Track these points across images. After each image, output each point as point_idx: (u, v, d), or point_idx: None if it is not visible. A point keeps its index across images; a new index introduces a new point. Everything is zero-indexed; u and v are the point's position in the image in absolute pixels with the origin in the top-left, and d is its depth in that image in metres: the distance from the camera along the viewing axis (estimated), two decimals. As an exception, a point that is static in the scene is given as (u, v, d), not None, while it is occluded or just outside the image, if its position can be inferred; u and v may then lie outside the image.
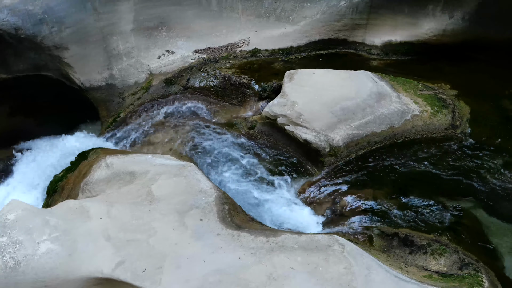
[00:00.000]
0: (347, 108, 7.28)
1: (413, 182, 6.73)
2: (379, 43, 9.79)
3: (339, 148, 6.91)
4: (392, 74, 8.64)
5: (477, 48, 9.78)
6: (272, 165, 7.12)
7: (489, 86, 8.96)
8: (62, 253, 4.61)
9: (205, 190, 5.78)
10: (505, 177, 6.88)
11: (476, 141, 7.51)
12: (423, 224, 6.08)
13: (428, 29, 9.62)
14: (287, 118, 7.15)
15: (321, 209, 6.53)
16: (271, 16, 9.58)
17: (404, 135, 7.37)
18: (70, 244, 4.71)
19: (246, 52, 9.24)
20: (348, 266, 4.95)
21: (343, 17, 9.48)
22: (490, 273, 5.51)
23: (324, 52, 9.62)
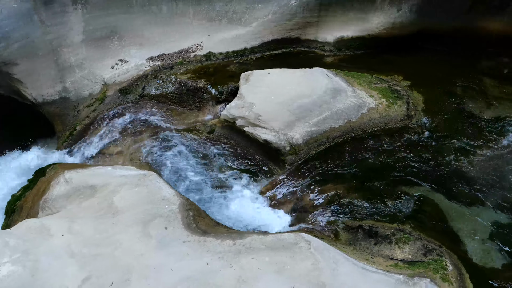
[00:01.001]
0: (304, 106, 7.35)
1: (373, 174, 6.85)
2: (331, 39, 9.92)
3: (299, 146, 6.97)
4: (346, 69, 8.77)
5: (426, 38, 10.06)
6: (234, 167, 7.12)
7: (440, 74, 9.23)
8: (24, 274, 4.50)
9: (168, 198, 5.74)
10: (461, 163, 7.09)
11: (431, 130, 7.71)
12: (386, 215, 6.19)
13: (378, 23, 9.82)
14: (245, 120, 7.16)
15: (286, 207, 6.57)
16: (223, 19, 9.57)
17: (362, 128, 7.49)
18: (32, 265, 4.60)
19: (200, 57, 9.21)
20: (315, 262, 5.00)
21: (295, 16, 9.57)
22: (453, 256, 5.66)
23: (278, 52, 9.69)
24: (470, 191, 6.68)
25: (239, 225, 6.31)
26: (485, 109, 8.37)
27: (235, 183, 6.87)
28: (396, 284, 5.00)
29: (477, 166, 7.08)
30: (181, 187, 6.78)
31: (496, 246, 5.96)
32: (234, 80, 8.32)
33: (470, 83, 9.07)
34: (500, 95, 8.76)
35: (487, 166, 7.10)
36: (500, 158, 7.24)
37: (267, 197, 6.66)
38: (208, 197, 6.66)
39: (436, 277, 5.20)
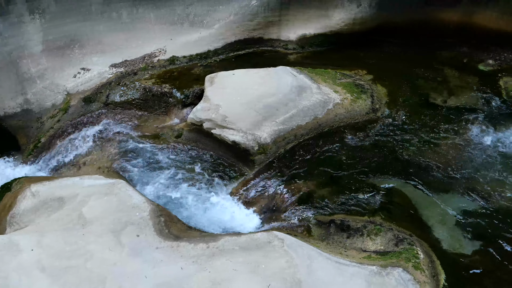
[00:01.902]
0: (270, 105, 7.38)
1: (342, 168, 6.92)
2: (294, 37, 9.99)
3: (267, 145, 6.99)
4: (310, 66, 8.85)
5: (387, 32, 10.22)
6: (204, 170, 7.10)
7: (402, 66, 9.40)
8: (-6, 292, 4.41)
9: (138, 205, 5.69)
10: (426, 152, 7.24)
11: (396, 121, 7.84)
12: (356, 208, 6.26)
13: (339, 19, 9.93)
14: (212, 122, 7.15)
15: (258, 207, 6.58)
16: (185, 23, 9.54)
17: (329, 124, 7.56)
18: (2, 282, 4.50)
19: (164, 61, 9.15)
20: (289, 259, 5.03)
21: (256, 16, 9.59)
22: (424, 244, 5.77)
23: (242, 52, 9.70)
24: (436, 180, 6.82)
25: (212, 227, 6.30)
26: (447, 98, 8.55)
27: (205, 186, 6.85)
28: (370, 275, 5.08)
29: (442, 155, 7.23)
30: (151, 193, 6.73)
31: (464, 232, 6.09)
32: (199, 83, 8.30)
33: (431, 74, 9.26)
34: (461, 84, 8.96)
35: (452, 154, 7.26)
36: (464, 146, 7.41)
37: (238, 197, 6.67)
38: (179, 201, 6.62)
39: (408, 265, 5.29)
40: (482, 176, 6.91)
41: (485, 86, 8.92)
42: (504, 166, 7.09)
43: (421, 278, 5.20)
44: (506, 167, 7.07)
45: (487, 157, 7.24)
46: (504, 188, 6.73)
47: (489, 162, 7.15)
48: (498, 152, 7.35)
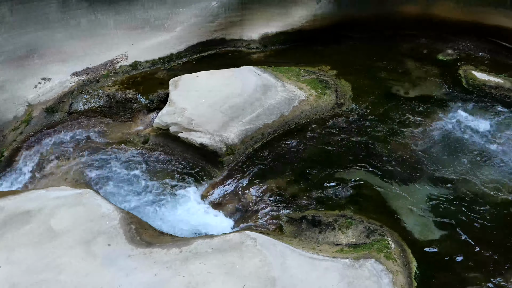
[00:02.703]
0: (236, 105, 7.38)
1: (311, 164, 6.98)
2: (256, 37, 10.01)
3: (235, 145, 7.00)
4: (274, 65, 8.89)
5: (348, 27, 10.35)
6: (173, 175, 7.06)
7: (364, 60, 9.53)
8: (-38, 313, 4.30)
9: (107, 214, 5.63)
10: (392, 144, 7.36)
11: (361, 115, 7.95)
12: (327, 203, 6.33)
13: (300, 17, 9.99)
14: (178, 126, 7.12)
15: (229, 208, 6.58)
16: (146, 27, 9.46)
17: (295, 121, 7.61)
18: (-31, 302, 4.41)
19: (126, 67, 9.05)
20: (263, 258, 5.07)
21: (217, 17, 9.58)
22: (394, 234, 5.87)
23: (205, 54, 9.67)
24: (403, 170, 6.94)
25: (184, 231, 6.27)
26: (410, 89, 8.72)
27: (175, 190, 6.81)
28: (344, 268, 5.14)
29: (407, 145, 7.37)
30: (121, 201, 6.65)
31: (432, 219, 6.22)
32: (164, 87, 8.23)
33: (393, 66, 9.42)
34: (422, 74, 9.15)
35: (416, 144, 7.41)
36: (428, 136, 7.57)
37: (209, 200, 6.65)
38: (149, 207, 6.56)
39: (380, 256, 5.38)
40: (447, 164, 7.07)
41: (445, 76, 9.13)
42: (467, 153, 7.26)
43: (393, 267, 5.29)
44: (469, 154, 7.25)
45: (450, 145, 7.41)
46: (468, 174, 6.90)
47: (453, 150, 7.31)
48: (460, 139, 7.52)
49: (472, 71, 9.14)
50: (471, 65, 9.43)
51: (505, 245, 5.92)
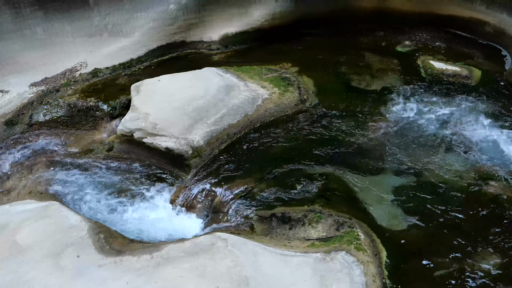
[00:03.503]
0: (199, 107, 7.36)
1: (278, 161, 7.01)
2: (217, 38, 9.99)
3: (201, 147, 6.98)
4: (236, 65, 8.90)
5: (307, 24, 10.46)
6: (140, 181, 6.99)
7: (325, 56, 9.64)
8: None
9: (75, 225, 5.55)
10: (357, 136, 7.47)
11: (325, 110, 8.04)
12: (295, 199, 6.36)
13: (259, 16, 10.03)
14: (143, 131, 7.05)
15: (199, 210, 6.56)
16: (104, 33, 9.34)
17: (260, 120, 7.64)
18: None
19: (86, 74, 8.91)
20: (234, 258, 5.08)
21: (176, 20, 9.53)
22: (363, 225, 5.96)
23: (166, 58, 9.60)
24: (369, 162, 7.04)
25: (155, 237, 6.21)
26: (371, 82, 8.86)
27: (143, 196, 6.74)
28: (315, 262, 5.19)
29: (371, 137, 7.49)
30: (88, 211, 6.54)
31: (400, 208, 6.34)
32: (126, 93, 8.14)
33: (353, 60, 9.55)
34: (382, 66, 9.31)
35: (380, 135, 7.54)
36: (390, 126, 7.71)
37: (178, 203, 6.61)
38: (118, 215, 6.48)
39: (351, 248, 5.45)
40: (411, 153, 7.21)
41: (404, 67, 9.32)
42: (429, 142, 7.43)
43: (364, 258, 5.37)
44: (431, 142, 7.41)
45: (412, 134, 7.56)
46: (431, 163, 7.05)
47: (415, 139, 7.47)
48: (422, 128, 7.69)
49: (430, 61, 9.35)
50: (429, 55, 9.65)
51: (471, 229, 6.08)
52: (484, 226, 6.13)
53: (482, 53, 9.76)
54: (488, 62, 9.48)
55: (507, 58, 9.52)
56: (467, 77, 8.92)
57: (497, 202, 6.44)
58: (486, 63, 9.45)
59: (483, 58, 9.60)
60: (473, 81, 8.86)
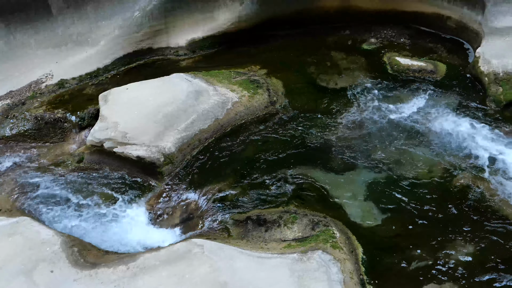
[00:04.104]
0: (169, 114, 7.31)
1: (251, 164, 7.02)
2: (184, 43, 9.93)
3: (172, 154, 6.93)
4: (204, 70, 8.87)
5: (274, 26, 10.47)
6: (113, 191, 6.90)
7: (292, 57, 9.69)
8: None
9: (48, 240, 5.46)
10: (327, 135, 7.53)
11: (295, 110, 8.09)
12: (270, 201, 6.39)
13: (225, 19, 10.00)
14: (113, 141, 6.97)
15: (174, 217, 6.52)
16: (69, 43, 9.21)
17: (231, 123, 7.63)
18: None
19: (52, 86, 8.76)
20: (212, 263, 5.07)
21: (142, 27, 9.44)
22: (338, 223, 6.02)
23: (133, 65, 9.50)
24: (340, 159, 7.12)
25: (130, 247, 6.15)
26: (339, 80, 8.93)
27: (116, 206, 6.66)
28: (292, 263, 5.21)
29: (342, 135, 7.56)
30: (60, 225, 6.43)
31: (373, 204, 6.44)
32: (94, 103, 8.03)
33: (321, 59, 9.61)
34: (349, 65, 9.40)
35: (350, 132, 7.61)
36: (360, 123, 7.79)
37: (153, 212, 6.56)
38: (91, 227, 6.38)
39: (327, 246, 5.49)
40: (381, 148, 7.31)
41: (371, 64, 9.42)
42: (398, 136, 7.53)
43: (340, 256, 5.42)
44: (400, 137, 7.52)
45: (382, 130, 7.65)
46: (401, 157, 7.16)
47: (385, 135, 7.56)
48: (391, 123, 7.79)
49: (395, 57, 9.48)
50: (394, 52, 9.77)
51: (443, 220, 6.20)
52: (455, 217, 6.26)
53: (445, 48, 9.92)
54: (452, 56, 9.66)
55: (470, 51, 9.71)
56: (433, 71, 9.07)
57: (467, 193, 6.59)
58: (450, 57, 9.63)
59: (447, 52, 9.78)
60: (439, 75, 9.01)
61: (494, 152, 7.17)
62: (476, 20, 9.65)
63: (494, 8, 8.95)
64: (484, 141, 7.38)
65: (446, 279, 5.45)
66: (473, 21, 9.75)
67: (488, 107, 8.13)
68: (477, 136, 7.47)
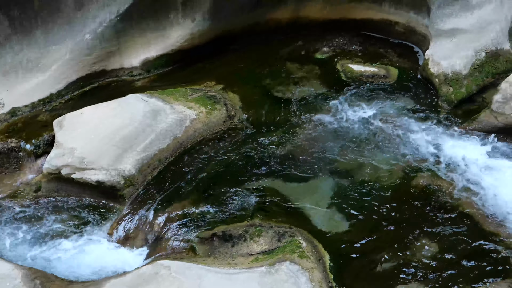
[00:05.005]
0: (127, 136, 7.22)
1: (213, 180, 7.00)
2: (137, 63, 9.83)
3: (133, 176, 6.84)
4: (160, 89, 8.79)
5: (228, 40, 10.51)
6: (74, 218, 6.75)
7: (248, 70, 9.74)
8: None
9: (7, 274, 5.29)
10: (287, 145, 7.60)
11: (253, 123, 8.14)
12: (235, 216, 6.37)
13: (178, 37, 9.97)
14: (70, 167, 6.82)
15: (139, 240, 6.42)
16: (19, 70, 8.98)
17: (190, 141, 7.59)
18: None
19: (4, 115, 8.50)
20: (179, 284, 5.02)
21: (94, 49, 9.30)
22: (304, 233, 6.05)
23: (87, 89, 9.33)
24: (303, 169, 7.18)
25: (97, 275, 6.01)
26: (295, 91, 9.03)
27: (79, 233, 6.51)
28: (261, 276, 5.21)
29: (302, 144, 7.63)
30: (20, 257, 6.24)
31: (337, 210, 6.52)
32: (49, 129, 7.85)
33: (276, 71, 9.69)
34: (304, 75, 9.52)
35: (310, 141, 7.69)
36: (318, 132, 7.89)
37: (116, 236, 6.44)
38: (54, 258, 6.20)
39: (294, 257, 5.51)
40: (341, 155, 7.42)
41: (325, 73, 9.57)
42: (357, 142, 7.66)
43: (308, 265, 5.44)
44: (359, 143, 7.65)
45: (340, 137, 7.77)
46: (362, 162, 7.29)
47: (344, 141, 7.68)
48: (349, 129, 7.92)
49: (348, 65, 9.66)
50: (347, 59, 9.96)
51: (407, 221, 6.33)
52: (418, 217, 6.40)
53: (396, 52, 10.19)
54: (403, 59, 9.92)
55: (420, 54, 9.99)
56: (385, 76, 9.29)
57: (427, 192, 6.75)
58: (401, 61, 9.89)
59: (398, 57, 10.04)
60: (391, 79, 9.24)
61: (450, 150, 7.39)
62: (423, 23, 9.95)
63: (439, 11, 9.24)
64: (439, 140, 7.59)
65: (413, 279, 5.56)
66: (420, 25, 10.05)
67: (440, 107, 8.37)
68: (432, 136, 7.68)
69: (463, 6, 9.12)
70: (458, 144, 7.50)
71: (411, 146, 7.55)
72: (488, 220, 6.29)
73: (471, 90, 8.48)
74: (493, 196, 6.57)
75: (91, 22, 9.16)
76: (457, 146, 7.45)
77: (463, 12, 9.13)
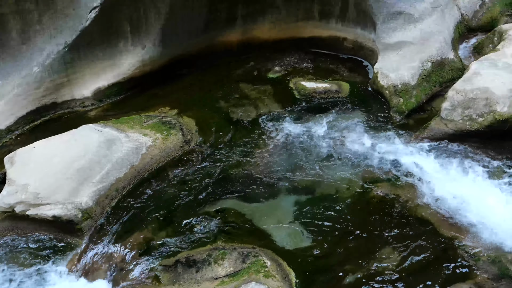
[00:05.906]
0: (82, 168, 7.06)
1: (173, 207, 6.91)
2: (89, 93, 9.68)
3: (90, 208, 6.68)
4: (114, 117, 8.68)
5: (180, 65, 10.52)
6: (31, 256, 6.51)
7: (201, 94, 9.74)
8: None
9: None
10: (246, 166, 7.59)
11: (211, 146, 8.10)
12: (197, 240, 6.30)
13: (128, 65, 9.90)
14: (24, 204, 6.61)
15: (100, 274, 6.24)
16: (-36, 109, 8.71)
17: (147, 168, 7.49)
18: None
19: (-48, 155, 8.21)
20: (145, 315, 4.87)
21: (42, 82, 9.10)
22: (268, 252, 6.05)
23: (38, 122, 9.10)
24: (262, 188, 7.19)
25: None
26: (250, 112, 9.08)
27: (37, 272, 6.28)
28: (227, 300, 5.14)
29: (260, 164, 7.64)
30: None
31: (300, 227, 6.55)
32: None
33: (230, 93, 9.74)
34: (258, 95, 9.59)
35: (269, 160, 7.72)
36: (275, 150, 7.93)
37: (77, 271, 6.25)
38: (11, 300, 5.99)
39: (259, 277, 5.48)
40: (299, 171, 7.48)
41: (278, 92, 9.68)
42: (315, 157, 7.74)
43: (274, 284, 5.42)
44: (317, 157, 7.73)
45: (298, 154, 7.84)
46: (320, 177, 7.36)
47: (301, 157, 7.75)
48: (305, 145, 8.01)
49: (301, 82, 9.81)
50: (299, 77, 10.12)
51: (369, 232, 6.41)
52: (379, 227, 6.49)
53: (346, 67, 10.43)
54: (353, 74, 10.17)
55: (369, 68, 10.25)
56: (337, 91, 9.47)
57: (386, 202, 6.87)
58: (351, 75, 10.12)
59: (348, 71, 10.27)
60: (343, 94, 9.42)
61: (404, 159, 7.55)
62: (370, 38, 10.24)
63: (384, 26, 9.53)
64: (393, 150, 7.76)
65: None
66: (368, 40, 10.34)
67: (392, 118, 8.57)
68: (386, 147, 7.84)
69: (406, 19, 9.43)
70: (411, 152, 7.68)
71: (366, 158, 7.68)
72: (447, 225, 6.44)
73: (420, 100, 8.74)
74: (449, 201, 6.74)
75: (38, 55, 8.99)
76: (411, 155, 7.62)
77: (406, 25, 9.45)
